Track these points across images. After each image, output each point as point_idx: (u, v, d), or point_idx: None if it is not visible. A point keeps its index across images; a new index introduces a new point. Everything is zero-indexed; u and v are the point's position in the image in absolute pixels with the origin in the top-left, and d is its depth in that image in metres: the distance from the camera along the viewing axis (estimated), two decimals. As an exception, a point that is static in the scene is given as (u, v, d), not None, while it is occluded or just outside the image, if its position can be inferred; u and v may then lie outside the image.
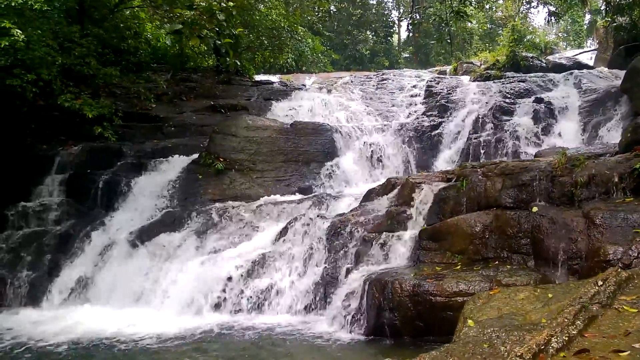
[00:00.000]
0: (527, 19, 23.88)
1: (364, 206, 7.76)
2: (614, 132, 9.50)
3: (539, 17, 63.61)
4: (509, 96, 11.61)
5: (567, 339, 2.88)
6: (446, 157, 10.69)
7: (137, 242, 8.10)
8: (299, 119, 11.77)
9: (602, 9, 18.41)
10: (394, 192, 7.59)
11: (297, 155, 10.18)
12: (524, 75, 13.27)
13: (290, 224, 7.63)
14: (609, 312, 3.28)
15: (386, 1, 33.19)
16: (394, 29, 33.38)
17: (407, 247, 6.54)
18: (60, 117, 10.05)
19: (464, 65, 17.16)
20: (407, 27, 32.69)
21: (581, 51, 20.47)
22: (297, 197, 9.06)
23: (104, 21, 13.05)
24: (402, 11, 32.90)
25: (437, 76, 15.02)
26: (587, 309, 3.21)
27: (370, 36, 30.89)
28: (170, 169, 9.79)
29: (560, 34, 30.28)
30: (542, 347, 2.77)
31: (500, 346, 3.05)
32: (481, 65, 16.36)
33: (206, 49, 15.44)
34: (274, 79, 16.55)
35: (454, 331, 3.83)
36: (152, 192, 9.33)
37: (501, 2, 26.28)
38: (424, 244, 6.35)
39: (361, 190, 8.89)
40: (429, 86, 13.12)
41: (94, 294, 7.53)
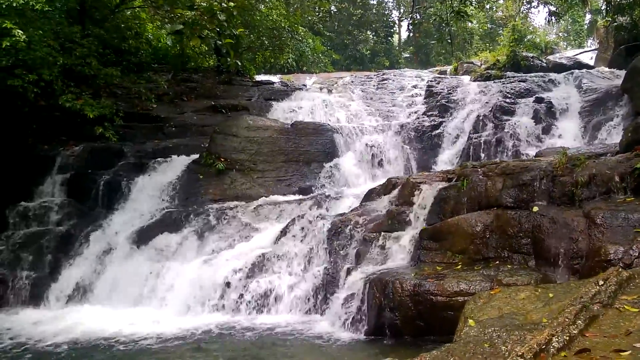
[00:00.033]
0: (528, 19, 23.80)
1: (364, 206, 7.77)
2: (614, 131, 9.50)
3: (539, 16, 63.68)
4: (510, 96, 11.61)
5: (568, 338, 2.88)
6: (447, 157, 10.70)
7: (138, 242, 8.12)
8: (299, 119, 11.79)
9: (602, 8, 18.40)
10: (395, 192, 7.60)
11: (298, 155, 10.20)
12: (525, 75, 13.25)
13: (290, 224, 7.64)
14: (610, 311, 3.28)
15: (387, 1, 33.22)
16: (395, 29, 33.39)
17: (407, 246, 6.55)
18: (61, 117, 10.07)
19: (465, 65, 17.14)
20: (408, 27, 32.73)
21: (582, 51, 20.46)
22: (298, 197, 9.08)
23: (105, 21, 13.07)
24: (402, 11, 32.92)
25: (438, 76, 15.02)
26: (588, 309, 3.21)
27: (370, 36, 30.89)
28: (171, 169, 9.81)
29: (560, 34, 30.26)
30: (543, 347, 2.77)
31: (501, 346, 3.05)
32: (481, 65, 16.35)
33: (207, 49, 15.44)
34: (275, 79, 16.56)
35: (455, 331, 3.82)
36: (153, 192, 9.36)
37: (501, 2, 26.26)
38: (424, 243, 6.35)
39: (362, 190, 8.90)
40: (429, 86, 13.12)
41: (95, 294, 7.54)
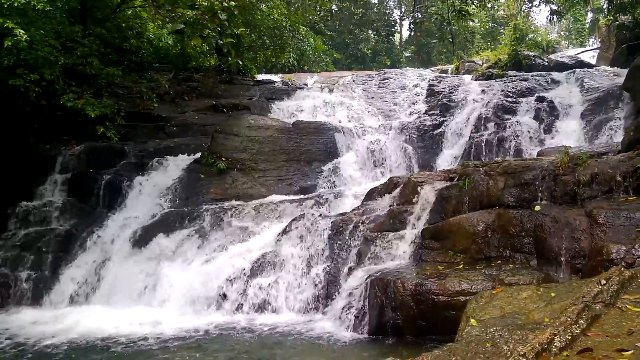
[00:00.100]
0: (529, 18, 23.80)
1: (366, 205, 7.76)
2: (616, 130, 9.47)
3: (541, 15, 63.48)
4: (511, 95, 11.58)
5: (570, 338, 2.88)
6: (448, 156, 10.68)
7: (139, 242, 8.12)
8: (300, 118, 11.78)
9: (604, 7, 18.38)
10: (396, 192, 7.59)
11: (299, 154, 10.19)
12: (526, 74, 13.21)
13: (292, 223, 7.63)
14: (612, 311, 3.27)
15: (388, 0, 33.19)
16: (396, 28, 33.37)
17: (409, 246, 6.54)
18: (62, 116, 10.08)
19: (466, 64, 17.12)
20: (409, 26, 32.71)
21: (583, 50, 20.41)
22: (299, 196, 9.07)
23: (106, 21, 13.08)
24: (403, 10, 32.88)
25: (439, 75, 14.99)
26: (590, 308, 3.20)
27: (371, 35, 30.87)
28: (172, 168, 9.81)
29: (562, 33, 30.20)
30: (545, 346, 2.77)
31: (503, 345, 3.04)
32: (483, 64, 16.32)
33: (208, 48, 15.44)
34: (276, 78, 16.58)
35: (457, 330, 3.82)
36: (154, 191, 9.37)
37: (503, 0, 26.24)
38: (426, 243, 6.34)
39: (363, 189, 8.89)
40: (430, 85, 13.10)
41: (96, 294, 7.56)
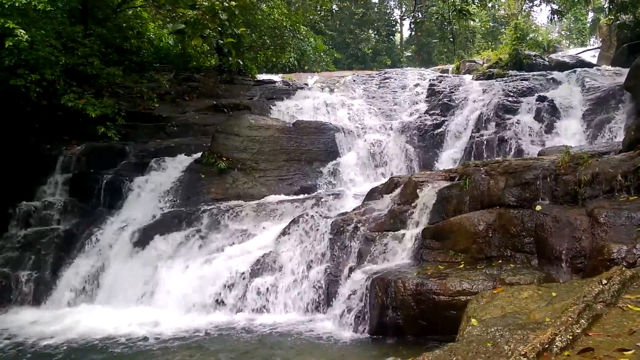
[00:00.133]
0: (530, 17, 23.79)
1: (366, 205, 7.75)
2: (617, 130, 9.46)
3: (541, 15, 63.54)
4: (512, 95, 11.58)
5: (571, 337, 2.87)
6: (449, 156, 10.68)
7: (139, 241, 8.12)
8: (301, 118, 11.78)
9: (605, 6, 18.35)
10: (397, 191, 7.59)
11: (300, 154, 10.20)
12: (527, 73, 13.20)
13: (292, 223, 7.63)
14: (613, 310, 3.26)
15: (388, 0, 33.16)
16: (396, 27, 33.34)
17: (410, 246, 6.53)
18: (63, 116, 10.09)
19: (467, 63, 17.10)
20: (410, 25, 32.75)
21: (584, 49, 20.40)
22: (300, 196, 9.07)
23: (107, 21, 13.09)
24: (404, 10, 32.85)
25: (440, 75, 14.98)
26: (591, 308, 3.20)
27: (372, 35, 30.86)
28: (173, 168, 9.82)
29: (563, 32, 30.16)
30: (546, 346, 2.77)
31: (504, 345, 3.04)
32: (484, 63, 16.30)
33: (209, 48, 15.44)
34: (277, 78, 16.57)
35: (458, 330, 3.82)
36: (155, 191, 9.37)
37: (504, 0, 26.22)
38: (427, 242, 6.34)
39: (364, 189, 8.89)
40: (431, 85, 13.10)
41: (97, 294, 7.56)
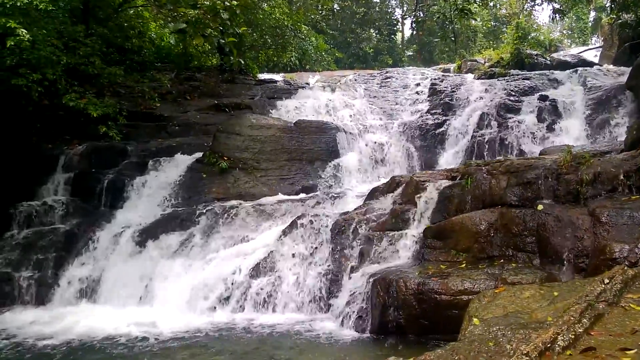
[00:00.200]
0: (532, 17, 23.74)
1: (368, 205, 7.75)
2: (619, 129, 9.45)
3: (543, 14, 63.50)
4: (514, 94, 11.56)
5: (573, 337, 2.87)
6: (450, 155, 10.67)
7: (141, 241, 8.12)
8: (302, 117, 11.77)
9: (607, 6, 18.31)
10: (398, 191, 7.58)
11: (301, 154, 10.19)
12: (529, 73, 13.18)
13: (294, 222, 7.62)
14: (615, 310, 3.26)
15: (389, -1, 33.15)
16: (398, 27, 33.34)
17: (411, 245, 6.53)
18: (65, 116, 10.09)
19: (468, 63, 17.09)
20: (411, 25, 32.59)
21: (586, 48, 20.39)
22: (301, 195, 9.07)
23: (109, 20, 13.10)
24: (405, 9, 32.83)
25: (441, 74, 14.97)
26: (594, 307, 3.20)
27: (373, 34, 30.84)
28: (174, 168, 9.82)
29: (564, 32, 30.13)
30: (549, 345, 2.76)
31: (506, 344, 3.04)
32: (485, 63, 16.29)
33: (210, 47, 15.49)
34: (278, 77, 16.59)
35: (459, 329, 3.81)
36: (157, 191, 9.37)
37: (505, -1, 26.18)
38: (428, 242, 6.34)
39: (365, 188, 8.89)
40: (433, 84, 13.08)
41: (98, 293, 7.55)
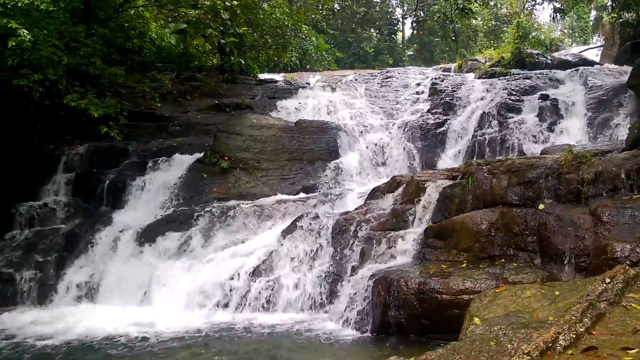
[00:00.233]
0: (532, 16, 23.73)
1: (369, 204, 7.75)
2: (620, 129, 9.44)
3: (544, 13, 63.47)
4: (514, 93, 11.55)
5: (574, 336, 2.87)
6: (451, 155, 10.66)
7: (142, 241, 8.13)
8: (303, 117, 11.77)
9: (608, 5, 18.27)
10: (399, 190, 7.58)
11: (302, 153, 10.19)
12: (530, 72, 13.17)
13: (295, 222, 7.63)
14: (616, 309, 3.26)
15: (390, -1, 33.13)
16: (398, 26, 33.31)
17: (412, 245, 6.53)
18: (66, 116, 10.10)
19: (469, 62, 17.06)
20: (411, 24, 32.60)
21: (587, 48, 20.36)
22: (302, 195, 9.07)
23: (109, 21, 13.11)
24: (406, 9, 32.81)
25: (442, 74, 14.94)
26: (595, 307, 3.20)
27: (374, 34, 30.82)
28: (175, 168, 9.82)
29: (565, 31, 30.08)
30: (550, 345, 2.76)
31: (507, 344, 3.04)
32: (486, 62, 16.25)
33: (210, 48, 15.51)
34: (278, 77, 16.59)
35: (461, 329, 3.82)
36: (157, 191, 9.38)
37: (506, -2, 26.16)
38: (429, 241, 6.34)
39: (366, 188, 8.89)
40: (433, 84, 13.07)
41: (99, 293, 7.56)
